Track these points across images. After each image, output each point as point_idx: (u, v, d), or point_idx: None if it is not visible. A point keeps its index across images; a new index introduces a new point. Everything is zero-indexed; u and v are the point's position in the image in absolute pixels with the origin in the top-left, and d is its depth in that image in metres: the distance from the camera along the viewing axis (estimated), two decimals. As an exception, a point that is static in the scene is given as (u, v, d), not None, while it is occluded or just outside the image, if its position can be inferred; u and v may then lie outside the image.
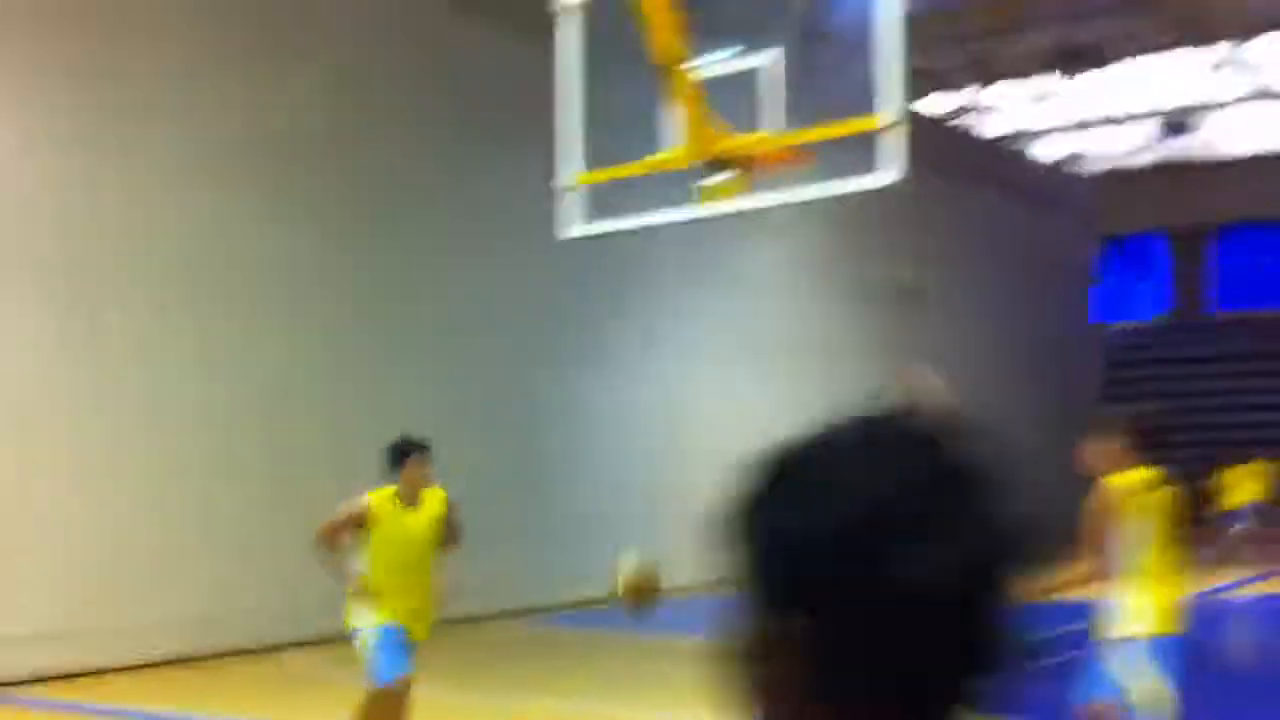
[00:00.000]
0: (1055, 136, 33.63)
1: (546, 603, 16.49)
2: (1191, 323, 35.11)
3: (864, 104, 6.60)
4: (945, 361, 25.64)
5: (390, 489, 7.13)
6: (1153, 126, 31.87)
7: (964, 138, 30.07)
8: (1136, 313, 36.33)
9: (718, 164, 6.76)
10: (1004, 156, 31.21)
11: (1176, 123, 30.49)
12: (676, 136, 6.74)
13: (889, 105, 6.22)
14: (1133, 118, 32.20)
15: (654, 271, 19.25)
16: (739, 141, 6.58)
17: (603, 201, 7.38)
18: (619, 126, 7.25)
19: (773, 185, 6.85)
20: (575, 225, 7.16)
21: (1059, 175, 32.97)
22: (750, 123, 6.87)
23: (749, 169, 6.77)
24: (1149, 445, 6.76)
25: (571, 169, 7.15)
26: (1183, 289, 35.53)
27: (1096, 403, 33.38)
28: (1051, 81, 30.08)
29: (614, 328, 18.79)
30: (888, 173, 6.25)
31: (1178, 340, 34.41)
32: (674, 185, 7.21)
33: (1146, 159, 34.96)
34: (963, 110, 31.26)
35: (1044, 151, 33.79)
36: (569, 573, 17.02)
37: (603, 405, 18.43)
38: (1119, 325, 35.52)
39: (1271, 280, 35.07)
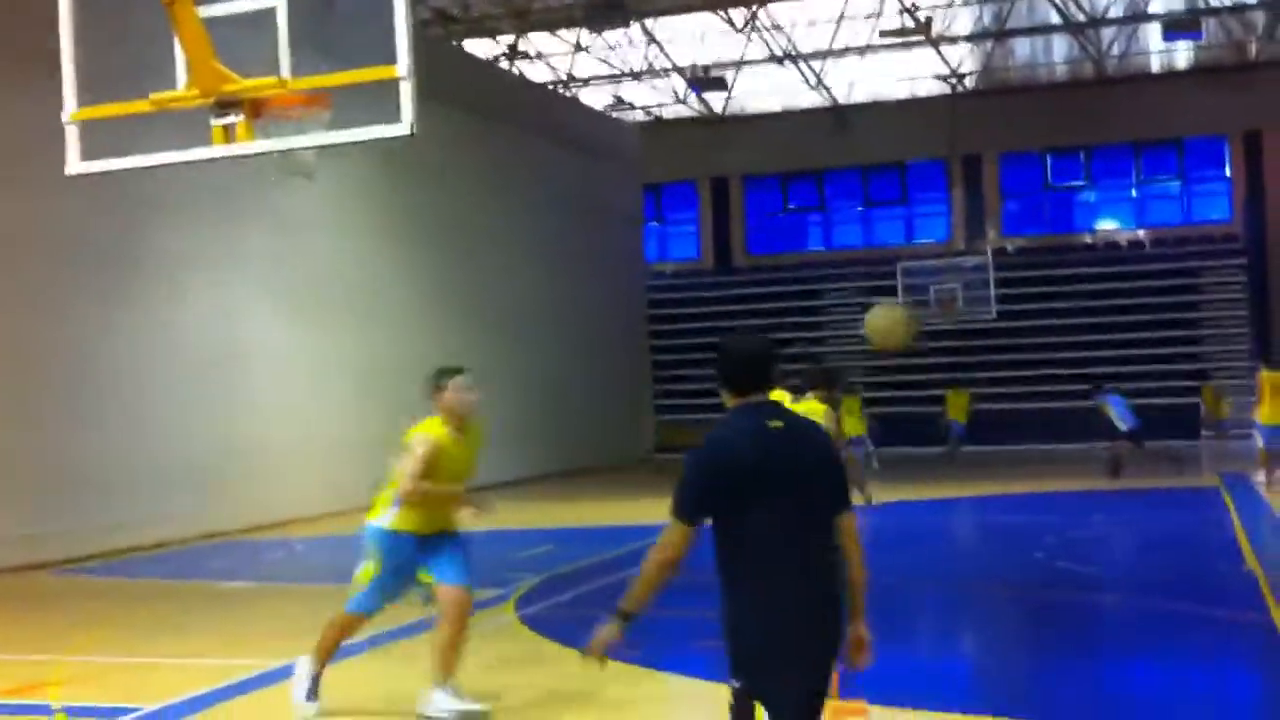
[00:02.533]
0: (600, 86, 34.86)
1: (72, 554, 15.89)
2: (723, 266, 37.46)
3: (387, 52, 6.72)
4: (503, 302, 26.62)
5: (436, 419, 7.63)
6: (684, 82, 33.60)
7: (513, 82, 30.69)
8: (674, 256, 38.41)
9: (229, 105, 6.76)
10: (554, 103, 32.11)
11: (704, 79, 32.29)
12: (184, 75, 6.69)
13: (400, 57, 6.42)
14: (668, 72, 33.83)
15: (187, 211, 18.64)
16: (247, 84, 6.61)
17: (119, 137, 7.20)
18: (132, 61, 7.09)
19: (289, 130, 6.90)
20: (80, 161, 6.99)
21: (606, 122, 34.26)
22: (266, 66, 6.87)
23: (260, 112, 6.81)
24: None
25: (75, 103, 6.96)
26: (716, 235, 37.77)
27: (646, 341, 35.26)
28: (586, 35, 31.18)
29: (139, 269, 18.08)
30: (401, 124, 6.45)
31: (712, 283, 36.72)
32: (198, 124, 7.14)
33: (683, 111, 36.89)
34: (510, 55, 31.85)
35: (590, 99, 34.98)
36: (93, 522, 16.48)
37: (126, 351, 17.63)
38: (660, 267, 37.49)
39: (793, 228, 37.97)
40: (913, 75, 34.44)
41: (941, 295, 30.89)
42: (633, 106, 36.07)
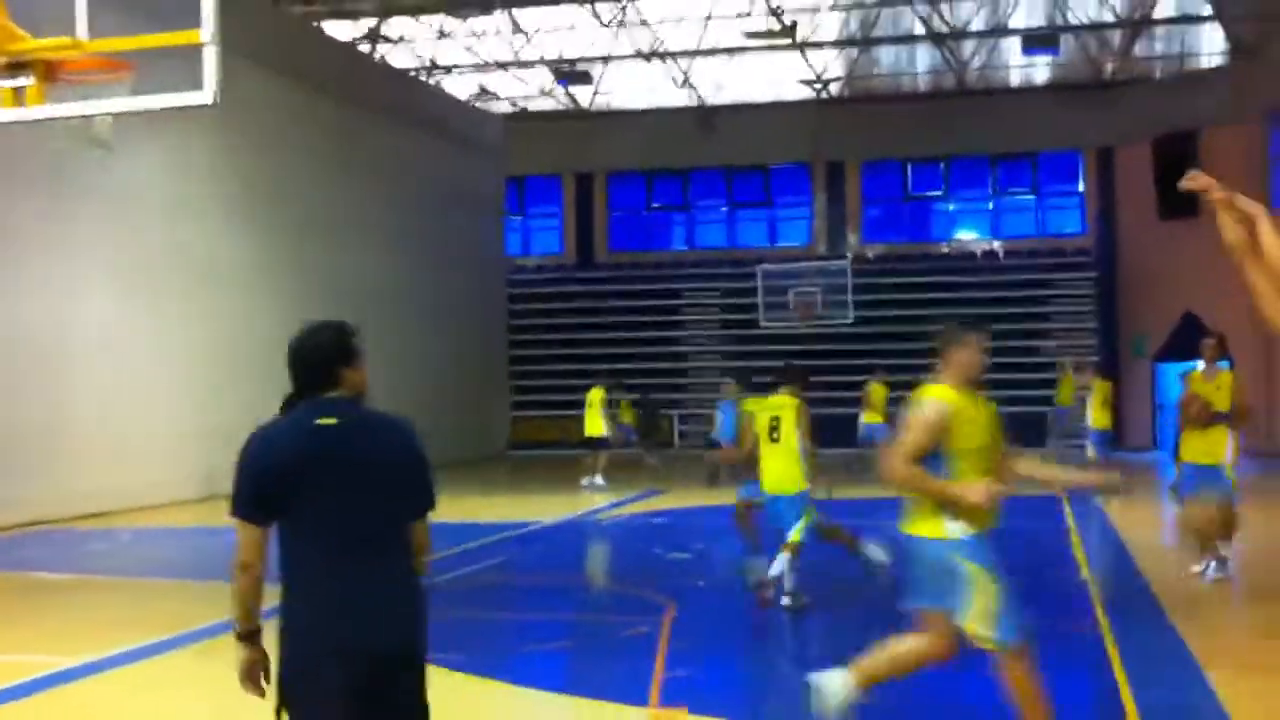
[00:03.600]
0: (465, 74, 34.34)
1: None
2: (585, 262, 37.19)
3: (197, 18, 6.34)
4: (355, 286, 25.97)
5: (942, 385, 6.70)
6: (549, 74, 33.24)
7: (376, 67, 30.07)
8: (536, 250, 38.03)
9: (20, 66, 6.30)
10: (415, 89, 31.53)
11: (570, 72, 31.99)
12: (-29, 33, 6.20)
13: (205, 21, 6.02)
14: (533, 64, 33.45)
15: (11, 181, 17.78)
16: (38, 43, 6.16)
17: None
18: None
19: (90, 94, 6.45)
20: None
21: (470, 112, 33.76)
22: (66, 27, 6.42)
23: (55, 76, 6.36)
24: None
25: None
26: (578, 230, 37.48)
27: (504, 334, 34.84)
28: (451, 21, 30.69)
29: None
30: (204, 93, 6.05)
31: (573, 278, 36.43)
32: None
33: (549, 104, 36.53)
34: (371, 39, 31.18)
35: (454, 88, 34.44)
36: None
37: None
38: (521, 261, 37.07)
39: (656, 226, 37.86)
40: (779, 79, 34.52)
41: (800, 299, 31.06)
42: (497, 97, 35.63)
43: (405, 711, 4.19)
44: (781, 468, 10.63)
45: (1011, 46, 32.89)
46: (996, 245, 35.25)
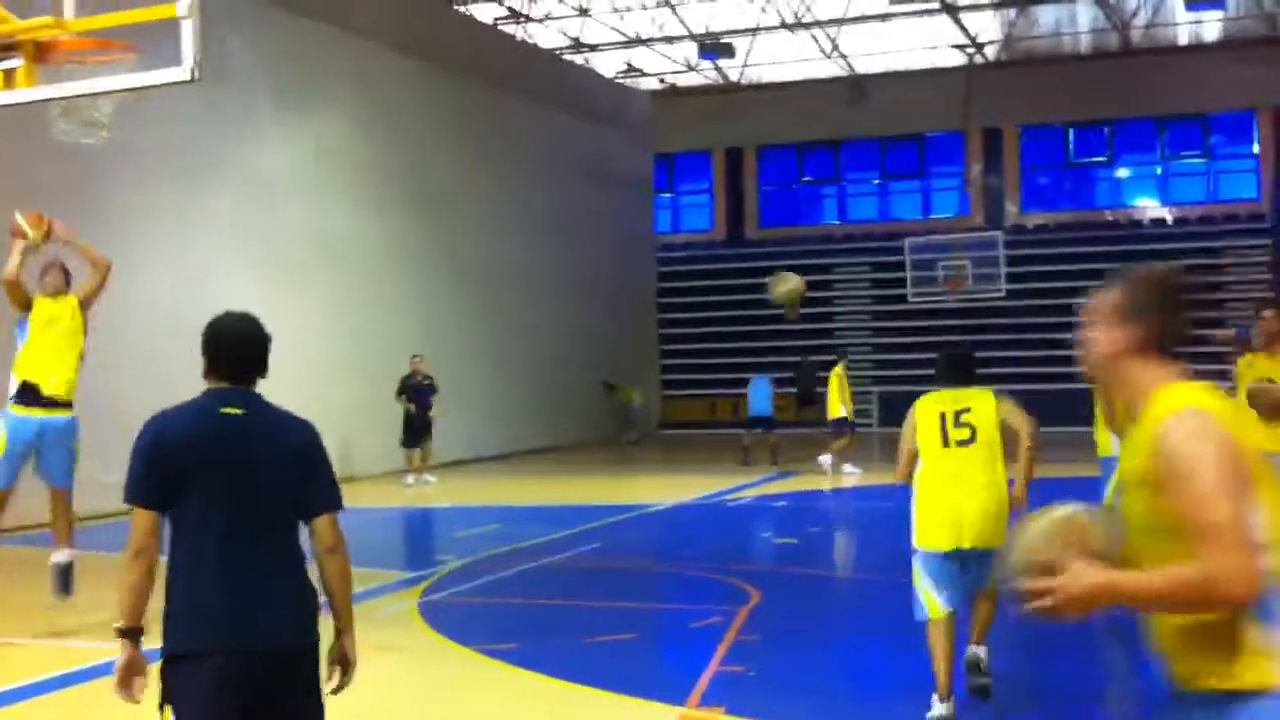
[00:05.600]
0: (611, 51, 34.10)
1: None
2: (735, 239, 36.68)
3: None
4: (499, 270, 26.04)
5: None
6: (694, 48, 32.76)
7: (518, 47, 30.03)
8: (686, 227, 37.66)
9: (9, 48, 6.19)
10: (559, 68, 31.42)
11: (716, 45, 31.45)
12: (-42, 15, 6.11)
13: (183, -5, 5.80)
14: (679, 39, 33.00)
15: (149, 165, 18.11)
16: (21, 24, 6.04)
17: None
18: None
19: (80, 75, 6.32)
20: None
21: (616, 90, 33.55)
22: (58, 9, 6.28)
23: (46, 57, 6.24)
24: None
25: None
26: (728, 206, 36.99)
27: (654, 313, 34.68)
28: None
29: (95, 222, 17.53)
30: (181, 69, 5.84)
31: (722, 255, 35.96)
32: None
33: (697, 79, 36.07)
34: (513, 18, 31.13)
35: (600, 65, 34.25)
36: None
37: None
38: (670, 239, 36.75)
39: (807, 200, 37.11)
40: (930, 44, 33.42)
41: (949, 272, 30.06)
42: (644, 74, 35.30)
43: (291, 708, 4.04)
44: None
45: (1176, 2, 31.20)
46: (1165, 212, 33.61)
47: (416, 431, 20.74)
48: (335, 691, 4.18)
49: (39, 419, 9.40)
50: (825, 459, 21.05)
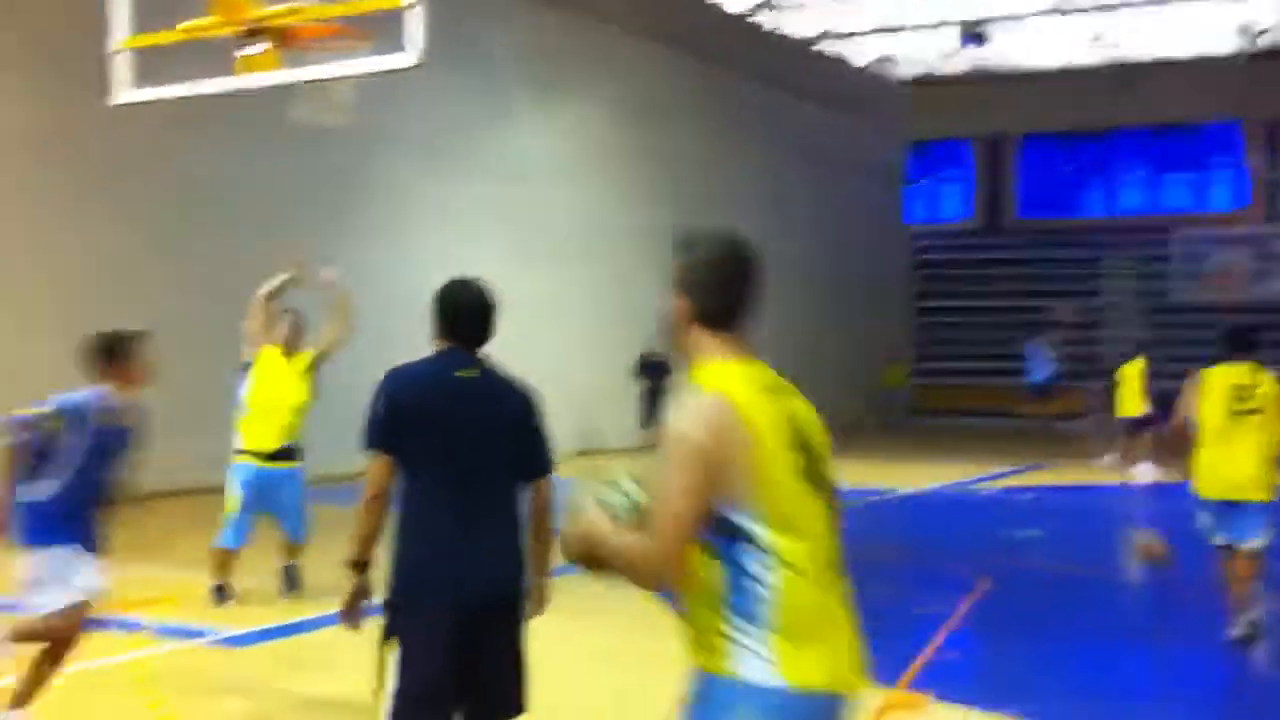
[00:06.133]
0: (865, 39, 33.71)
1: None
2: (993, 228, 35.84)
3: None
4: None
5: None
6: (954, 34, 32.07)
7: (768, 37, 30.04)
8: (942, 217, 36.98)
9: (256, 34, 6.62)
10: (810, 57, 31.30)
11: (974, 33, 30.75)
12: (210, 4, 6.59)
13: (407, -16, 6.10)
14: (937, 25, 32.37)
15: (415, 148, 18.93)
16: (265, 13, 6.45)
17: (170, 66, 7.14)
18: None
19: (313, 61, 6.71)
20: (126, 90, 7.00)
21: (868, 79, 33.21)
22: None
23: (288, 42, 6.65)
24: None
25: (123, 32, 6.96)
26: (987, 195, 36.17)
27: (907, 302, 34.25)
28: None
29: (363, 204, 18.43)
30: (407, 55, 6.15)
31: (980, 244, 35.19)
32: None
33: (954, 67, 35.32)
34: (766, 6, 31.11)
35: (854, 54, 33.91)
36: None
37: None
38: (925, 228, 36.17)
39: (1069, 190, 35.92)
40: (1204, 31, 31.82)
41: (1221, 267, 28.66)
42: (899, 62, 34.78)
43: (503, 655, 4.34)
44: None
45: None
46: None
47: (651, 410, 20.90)
48: (527, 619, 4.49)
49: (264, 471, 9.15)
50: (1109, 459, 20.05)
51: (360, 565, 4.39)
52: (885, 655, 8.16)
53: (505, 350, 16.22)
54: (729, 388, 2.81)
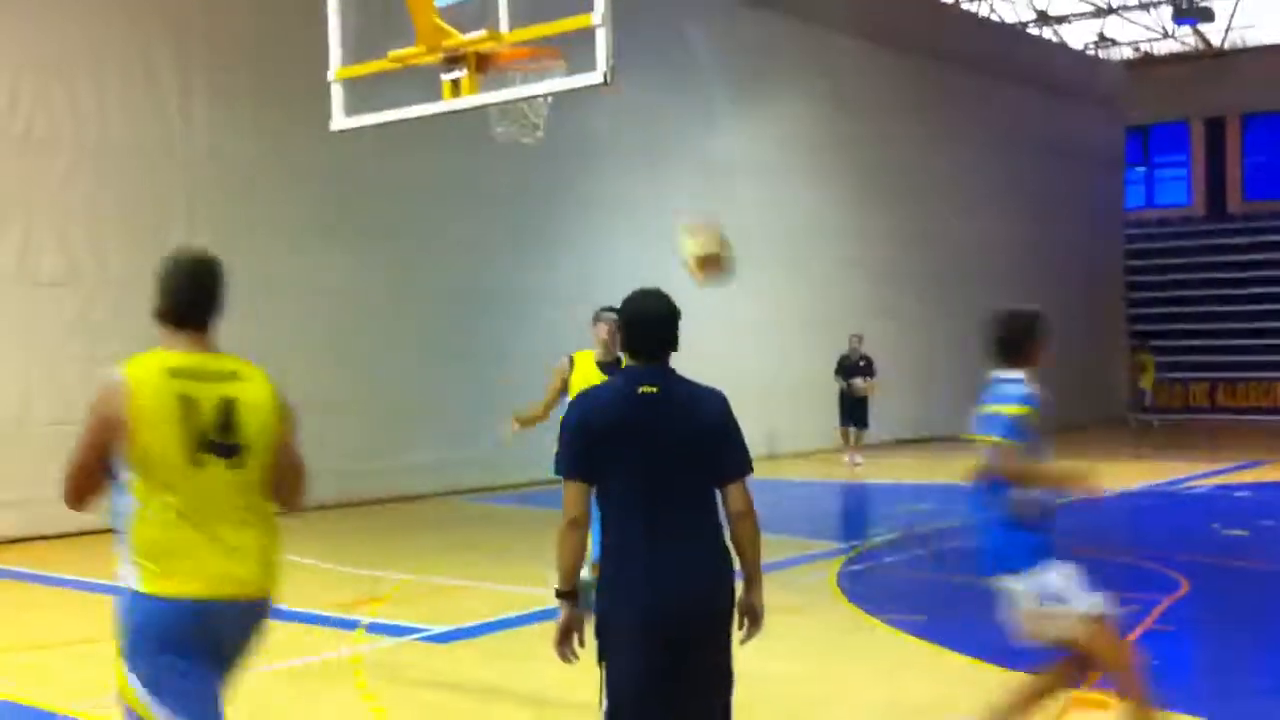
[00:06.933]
0: (1081, 22, 32.93)
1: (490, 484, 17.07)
2: (1216, 213, 34.53)
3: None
4: (966, 250, 25.88)
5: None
6: (1169, 13, 31.04)
7: (974, 22, 29.63)
8: (1160, 202, 35.79)
9: (456, 60, 7.05)
10: (1020, 41, 30.74)
11: (1192, 9, 29.69)
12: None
13: (596, 6, 6.45)
14: (1155, 4, 31.40)
15: (613, 155, 19.41)
16: (463, 39, 6.86)
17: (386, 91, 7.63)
18: (390, 20, 7.49)
19: (511, 82, 7.11)
20: (341, 118, 7.53)
21: (1082, 61, 32.40)
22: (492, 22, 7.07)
23: (485, 67, 7.05)
24: None
25: (339, 62, 7.50)
26: (1208, 180, 34.85)
27: (1123, 290, 33.30)
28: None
29: (560, 212, 18.99)
30: (595, 73, 6.49)
31: (1202, 231, 33.95)
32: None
33: (1174, 46, 34.18)
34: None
35: (1070, 37, 33.16)
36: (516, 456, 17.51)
37: (538, 288, 18.43)
38: (1142, 214, 35.07)
39: (1297, 172, 34.36)
40: None
41: None
42: (1115, 43, 33.83)
43: (710, 670, 4.34)
44: None
45: None
46: None
47: (849, 410, 20.85)
48: (744, 641, 4.46)
49: None
50: None
51: (567, 595, 4.38)
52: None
53: (711, 356, 16.55)
54: (133, 372, 3.71)
